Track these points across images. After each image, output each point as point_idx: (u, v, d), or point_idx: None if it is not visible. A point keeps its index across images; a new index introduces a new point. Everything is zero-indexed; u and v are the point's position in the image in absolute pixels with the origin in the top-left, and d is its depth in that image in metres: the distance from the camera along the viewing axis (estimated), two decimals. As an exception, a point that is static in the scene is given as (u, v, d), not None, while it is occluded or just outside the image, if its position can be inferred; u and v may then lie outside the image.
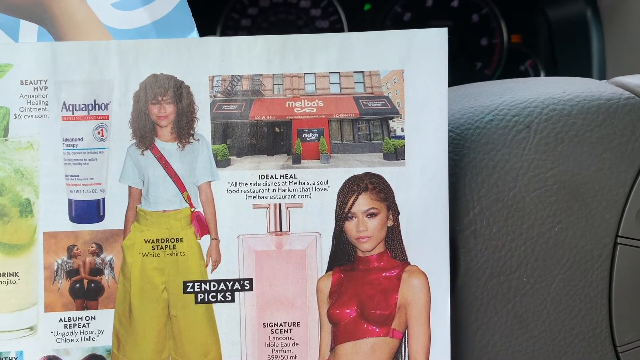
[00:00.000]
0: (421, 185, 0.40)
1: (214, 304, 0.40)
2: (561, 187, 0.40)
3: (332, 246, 0.40)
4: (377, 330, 0.40)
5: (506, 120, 0.40)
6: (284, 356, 0.41)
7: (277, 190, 0.40)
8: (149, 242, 0.40)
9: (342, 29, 1.00)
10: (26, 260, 0.40)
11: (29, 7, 0.50)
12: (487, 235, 0.40)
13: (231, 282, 0.40)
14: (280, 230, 0.40)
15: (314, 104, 0.40)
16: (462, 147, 0.41)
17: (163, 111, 0.40)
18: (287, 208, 0.40)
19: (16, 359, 0.40)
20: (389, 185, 0.40)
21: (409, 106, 0.40)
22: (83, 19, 0.49)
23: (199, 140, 0.40)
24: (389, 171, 0.40)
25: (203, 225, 0.40)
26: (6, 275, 0.40)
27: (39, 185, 0.40)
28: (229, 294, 0.40)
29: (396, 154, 0.40)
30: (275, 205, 0.40)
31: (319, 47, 0.39)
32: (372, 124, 0.40)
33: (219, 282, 0.40)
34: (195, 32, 0.56)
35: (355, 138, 0.40)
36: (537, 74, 1.00)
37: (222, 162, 0.40)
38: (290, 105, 0.40)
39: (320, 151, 0.40)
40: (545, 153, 0.40)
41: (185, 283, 0.40)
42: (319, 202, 0.40)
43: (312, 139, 0.40)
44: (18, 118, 0.39)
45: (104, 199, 0.40)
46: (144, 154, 0.40)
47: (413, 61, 0.39)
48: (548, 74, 1.00)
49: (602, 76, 0.91)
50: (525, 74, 1.01)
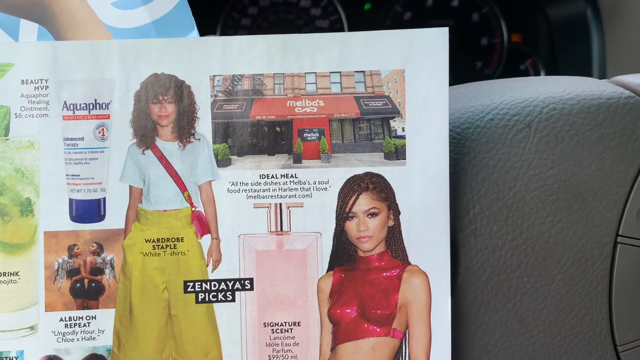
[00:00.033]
0: (422, 185, 0.40)
1: (214, 304, 0.40)
2: (561, 186, 0.40)
3: (333, 246, 0.40)
4: (378, 330, 0.40)
5: (506, 119, 0.40)
6: (284, 356, 0.41)
7: (277, 189, 0.40)
8: (149, 242, 0.40)
9: (342, 29, 1.00)
10: (27, 260, 0.40)
11: (28, 6, 0.50)
12: (487, 234, 0.40)
13: (232, 282, 0.40)
14: (281, 229, 0.40)
15: (314, 103, 0.40)
16: (462, 146, 0.40)
17: (164, 111, 0.40)
18: (288, 208, 0.40)
19: (17, 358, 0.40)
20: (389, 185, 0.40)
21: (409, 106, 0.40)
22: (83, 17, 0.49)
23: (199, 139, 0.40)
24: (389, 171, 0.40)
25: (204, 224, 0.40)
26: (7, 275, 0.40)
27: (39, 184, 0.40)
28: (230, 293, 0.40)
29: (397, 153, 0.40)
30: (276, 204, 0.40)
31: (320, 47, 0.39)
32: (373, 123, 0.40)
33: (219, 281, 0.40)
34: (196, 32, 0.56)
35: (356, 138, 0.40)
36: (537, 73, 1.00)
37: (222, 162, 0.40)
38: (291, 105, 0.40)
39: (321, 151, 0.40)
40: (545, 152, 0.40)
41: (185, 283, 0.40)
42: (319, 201, 0.40)
43: (312, 138, 0.40)
44: (19, 117, 0.39)
45: (104, 199, 0.40)
46: (144, 154, 0.40)
47: (414, 61, 0.39)
48: (548, 73, 1.00)
49: (602, 75, 0.91)
50: (525, 73, 1.01)
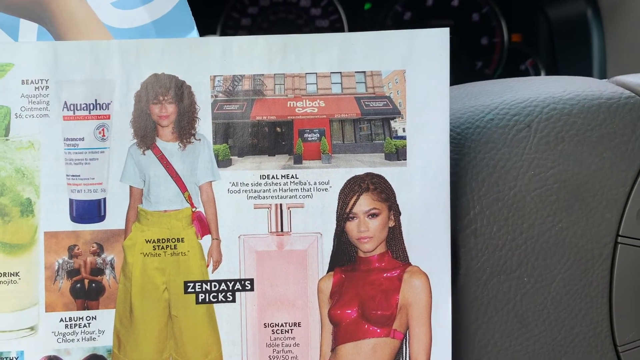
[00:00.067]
0: (422, 186, 0.39)
1: (214, 304, 0.40)
2: (561, 186, 0.40)
3: (333, 246, 0.40)
4: (378, 330, 0.40)
5: (506, 119, 0.40)
6: (284, 356, 0.41)
7: (278, 190, 0.40)
8: (150, 242, 0.40)
9: (342, 29, 1.00)
10: (27, 260, 0.40)
11: (28, 6, 0.50)
12: (487, 234, 0.40)
13: (232, 282, 0.40)
14: (282, 230, 0.40)
15: (315, 104, 0.40)
16: (462, 147, 0.40)
17: (164, 111, 0.39)
18: (288, 208, 0.40)
19: (17, 358, 0.40)
20: (390, 185, 0.40)
21: (410, 106, 0.39)
22: (83, 17, 0.49)
23: (200, 140, 0.40)
24: (390, 171, 0.40)
25: (204, 225, 0.40)
26: (7, 275, 0.40)
27: (39, 185, 0.40)
28: (230, 294, 0.40)
29: (397, 154, 0.40)
30: (276, 205, 0.40)
31: (320, 47, 0.39)
32: (374, 124, 0.40)
33: (219, 282, 0.40)
34: (195, 32, 0.56)
35: (357, 138, 0.40)
36: (537, 73, 1.00)
37: (223, 162, 0.40)
38: (292, 105, 0.40)
39: (322, 151, 0.40)
40: (545, 152, 0.40)
41: (186, 283, 0.40)
42: (320, 202, 0.40)
43: (313, 139, 0.40)
44: (19, 117, 0.39)
45: (105, 199, 0.40)
46: (145, 154, 0.40)
47: (415, 61, 0.39)
48: (548, 73, 1.00)
49: (602, 75, 0.91)
50: (525, 73, 1.01)
